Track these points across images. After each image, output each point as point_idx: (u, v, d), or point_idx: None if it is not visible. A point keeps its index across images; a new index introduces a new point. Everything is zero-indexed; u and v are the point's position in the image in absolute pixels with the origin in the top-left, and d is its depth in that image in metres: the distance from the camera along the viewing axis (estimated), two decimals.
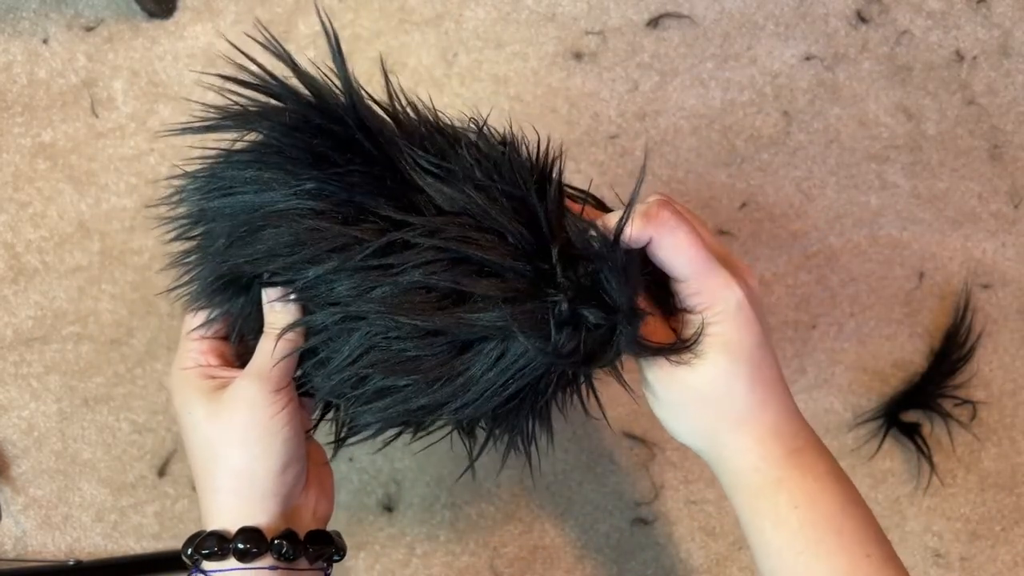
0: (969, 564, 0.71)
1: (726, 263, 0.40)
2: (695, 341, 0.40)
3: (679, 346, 0.40)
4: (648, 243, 0.39)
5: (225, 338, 0.45)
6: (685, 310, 0.41)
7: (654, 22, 0.75)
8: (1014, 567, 0.71)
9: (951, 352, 0.71)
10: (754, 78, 0.75)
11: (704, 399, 0.40)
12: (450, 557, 0.69)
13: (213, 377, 0.42)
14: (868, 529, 0.39)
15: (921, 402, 0.71)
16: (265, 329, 0.41)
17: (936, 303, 0.73)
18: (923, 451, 0.70)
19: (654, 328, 0.41)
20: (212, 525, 0.41)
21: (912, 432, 0.70)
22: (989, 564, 0.71)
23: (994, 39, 0.76)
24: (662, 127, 0.74)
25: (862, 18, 0.76)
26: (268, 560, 0.39)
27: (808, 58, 0.75)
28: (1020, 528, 0.71)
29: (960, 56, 0.76)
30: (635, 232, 0.38)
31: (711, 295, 0.39)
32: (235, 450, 0.40)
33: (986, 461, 0.72)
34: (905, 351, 0.72)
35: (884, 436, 0.70)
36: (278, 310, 0.41)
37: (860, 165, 0.74)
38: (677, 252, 0.39)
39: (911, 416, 0.71)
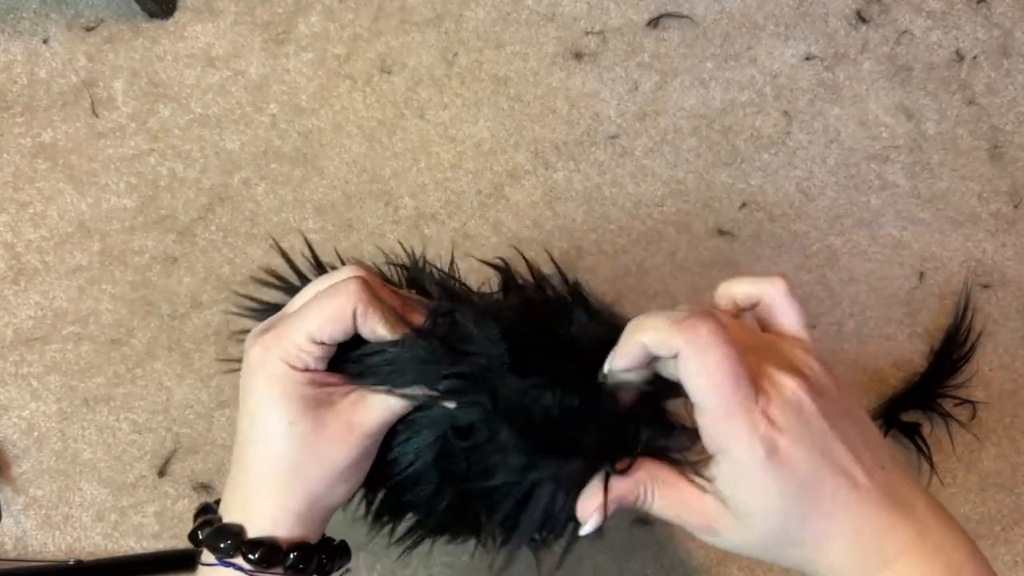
0: None
1: (771, 355, 0.35)
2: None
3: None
4: (675, 356, 0.33)
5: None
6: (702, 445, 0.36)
7: (654, 22, 0.75)
8: (1014, 567, 0.71)
9: (951, 352, 0.71)
10: (754, 78, 0.75)
11: (754, 548, 0.36)
12: (450, 557, 0.68)
13: (321, 386, 0.38)
14: None
15: (921, 402, 0.71)
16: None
17: (936, 303, 0.73)
18: (923, 451, 0.70)
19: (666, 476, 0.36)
20: (234, 515, 0.38)
21: (912, 432, 0.70)
22: None
23: (994, 39, 0.76)
24: (662, 127, 0.74)
25: (862, 18, 0.76)
26: (278, 570, 0.38)
27: (808, 58, 0.75)
28: (1020, 528, 0.71)
29: (960, 56, 0.76)
30: (662, 339, 0.33)
31: (727, 441, 0.34)
32: (317, 478, 0.38)
33: (986, 461, 0.72)
34: (905, 351, 0.72)
35: (884, 436, 0.70)
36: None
37: (860, 165, 0.74)
38: (704, 376, 0.33)
39: (911, 416, 0.71)
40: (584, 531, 0.36)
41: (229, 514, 0.39)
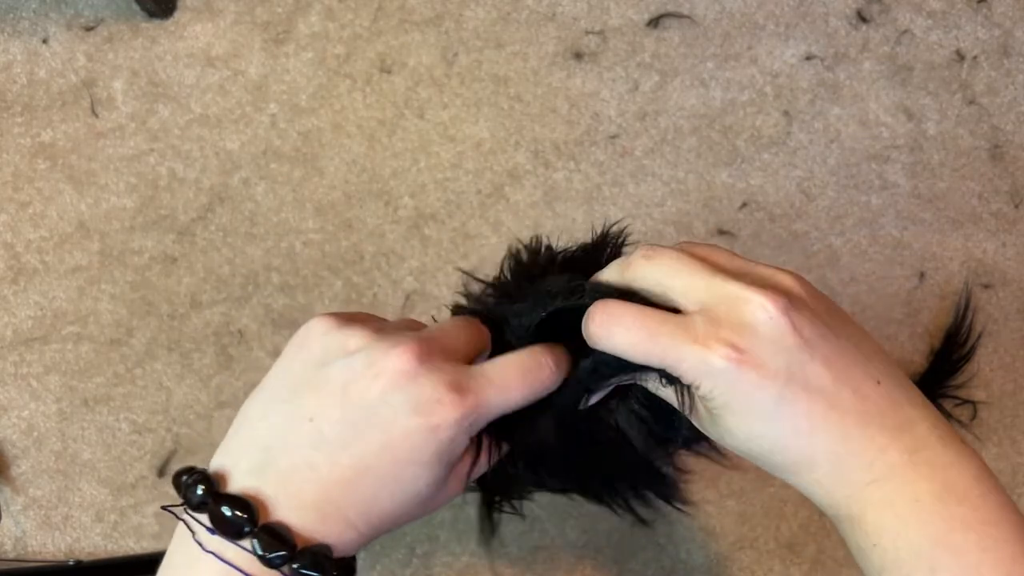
0: None
1: (746, 278, 0.36)
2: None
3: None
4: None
5: None
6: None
7: (654, 22, 0.75)
8: None
9: (951, 352, 0.71)
10: (754, 78, 0.75)
11: (752, 456, 0.36)
12: (450, 557, 0.68)
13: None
14: (983, 556, 0.34)
15: None
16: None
17: (936, 303, 0.73)
18: None
19: None
20: (278, 512, 0.35)
21: None
22: None
23: (995, 39, 0.76)
24: (662, 127, 0.74)
25: (862, 18, 0.76)
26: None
27: (809, 58, 0.75)
28: None
29: (961, 56, 0.76)
30: (591, 338, 0.36)
31: (689, 374, 0.35)
32: (414, 515, 0.37)
33: (986, 461, 0.71)
34: (905, 351, 0.72)
35: None
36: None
37: (861, 165, 0.74)
38: (624, 348, 0.35)
39: None
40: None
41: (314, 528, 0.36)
